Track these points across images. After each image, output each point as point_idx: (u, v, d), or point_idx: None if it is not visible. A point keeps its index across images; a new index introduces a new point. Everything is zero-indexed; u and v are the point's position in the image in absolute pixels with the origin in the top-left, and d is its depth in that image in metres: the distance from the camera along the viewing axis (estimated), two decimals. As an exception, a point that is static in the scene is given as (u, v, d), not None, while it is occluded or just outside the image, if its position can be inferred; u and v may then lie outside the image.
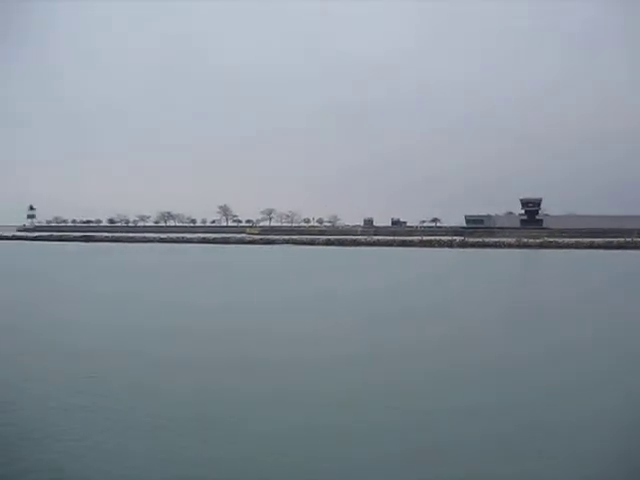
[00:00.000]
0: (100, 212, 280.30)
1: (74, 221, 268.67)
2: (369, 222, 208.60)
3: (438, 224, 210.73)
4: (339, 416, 14.07)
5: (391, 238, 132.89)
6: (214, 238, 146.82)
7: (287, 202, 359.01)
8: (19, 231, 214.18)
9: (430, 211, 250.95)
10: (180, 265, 69.46)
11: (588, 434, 13.26)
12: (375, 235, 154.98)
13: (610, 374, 18.59)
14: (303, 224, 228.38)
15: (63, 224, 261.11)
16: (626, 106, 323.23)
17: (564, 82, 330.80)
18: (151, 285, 44.91)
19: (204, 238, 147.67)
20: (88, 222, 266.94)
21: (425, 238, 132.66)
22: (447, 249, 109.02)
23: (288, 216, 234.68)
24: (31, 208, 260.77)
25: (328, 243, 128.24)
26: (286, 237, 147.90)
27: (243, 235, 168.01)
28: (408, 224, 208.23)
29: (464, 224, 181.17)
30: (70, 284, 44.80)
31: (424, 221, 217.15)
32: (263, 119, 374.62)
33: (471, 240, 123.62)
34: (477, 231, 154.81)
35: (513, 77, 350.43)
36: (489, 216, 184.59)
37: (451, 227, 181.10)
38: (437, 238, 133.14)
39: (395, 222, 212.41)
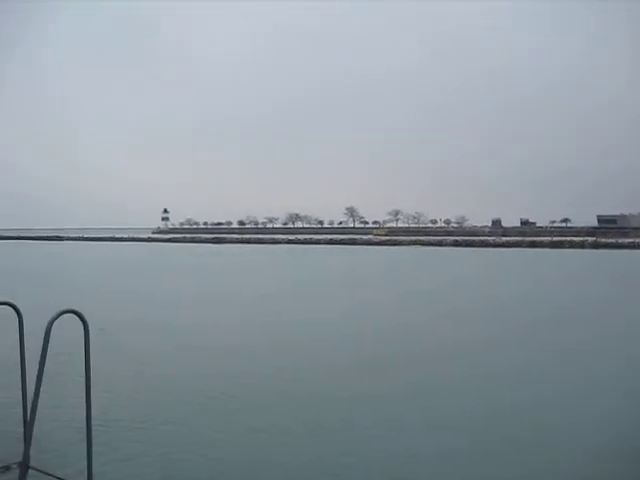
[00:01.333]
0: (230, 214, 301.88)
1: (205, 223, 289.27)
2: (497, 223, 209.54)
3: (569, 224, 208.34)
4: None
5: (520, 239, 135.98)
6: (341, 239, 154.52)
7: (414, 203, 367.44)
8: (154, 233, 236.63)
9: (560, 211, 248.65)
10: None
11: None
12: (503, 236, 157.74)
13: None
14: (430, 225, 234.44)
15: (195, 226, 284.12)
16: None
17: None
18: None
19: (331, 239, 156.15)
20: (219, 224, 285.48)
21: (555, 239, 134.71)
22: (578, 250, 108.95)
23: (415, 217, 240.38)
24: (165, 211, 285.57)
25: (456, 244, 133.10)
26: (413, 238, 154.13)
27: (370, 236, 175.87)
28: (537, 224, 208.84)
29: (596, 224, 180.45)
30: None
31: (554, 221, 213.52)
32: (390, 118, 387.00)
33: (604, 241, 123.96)
34: (610, 231, 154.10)
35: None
36: (623, 216, 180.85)
37: (582, 227, 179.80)
38: (568, 239, 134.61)
39: (524, 222, 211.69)
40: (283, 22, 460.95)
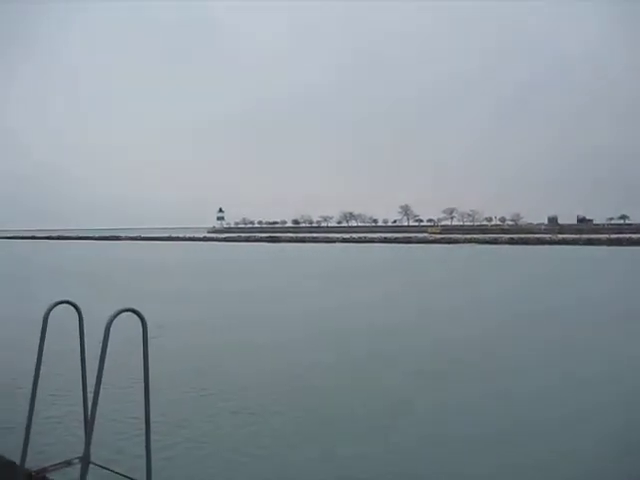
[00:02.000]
0: (285, 213, 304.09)
1: (260, 222, 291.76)
2: (553, 220, 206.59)
3: (627, 221, 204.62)
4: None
5: (577, 236, 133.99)
6: (396, 238, 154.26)
7: (468, 201, 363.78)
8: (209, 233, 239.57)
9: (618, 207, 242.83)
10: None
11: None
12: (560, 233, 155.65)
13: None
14: (485, 223, 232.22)
15: (250, 225, 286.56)
16: None
17: None
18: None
19: (386, 238, 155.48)
20: (273, 223, 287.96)
21: (613, 236, 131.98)
22: (638, 248, 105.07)
23: (470, 215, 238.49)
24: (220, 210, 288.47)
25: (511, 242, 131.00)
26: (468, 236, 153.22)
27: (425, 235, 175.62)
28: (595, 222, 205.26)
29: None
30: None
31: (611, 218, 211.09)
32: (447, 117, 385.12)
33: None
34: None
35: None
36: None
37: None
38: (626, 236, 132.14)
39: (580, 220, 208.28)
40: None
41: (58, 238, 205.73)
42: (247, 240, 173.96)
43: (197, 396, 15.86)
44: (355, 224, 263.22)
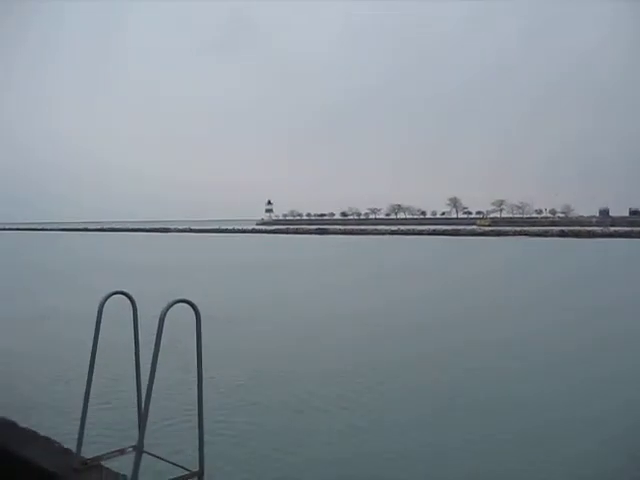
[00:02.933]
0: (333, 205, 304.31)
1: (308, 214, 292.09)
2: (605, 212, 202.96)
3: None
4: None
5: (629, 229, 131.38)
6: (444, 230, 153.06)
7: (518, 193, 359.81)
8: (258, 225, 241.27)
9: None
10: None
11: None
12: (611, 226, 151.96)
13: None
14: (535, 215, 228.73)
15: (298, 217, 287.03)
16: None
17: None
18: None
19: (434, 230, 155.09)
20: (322, 215, 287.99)
21: None
22: None
23: (519, 207, 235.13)
24: (269, 203, 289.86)
25: (562, 234, 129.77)
26: (517, 228, 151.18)
27: (473, 227, 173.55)
28: None
29: None
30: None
31: None
32: (494, 108, 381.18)
33: None
34: None
35: None
36: None
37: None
38: None
39: (633, 212, 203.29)
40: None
41: (110, 230, 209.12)
42: (296, 232, 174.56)
43: (250, 388, 16.01)
44: (403, 216, 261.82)
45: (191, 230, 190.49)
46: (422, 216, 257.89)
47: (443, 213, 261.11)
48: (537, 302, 32.52)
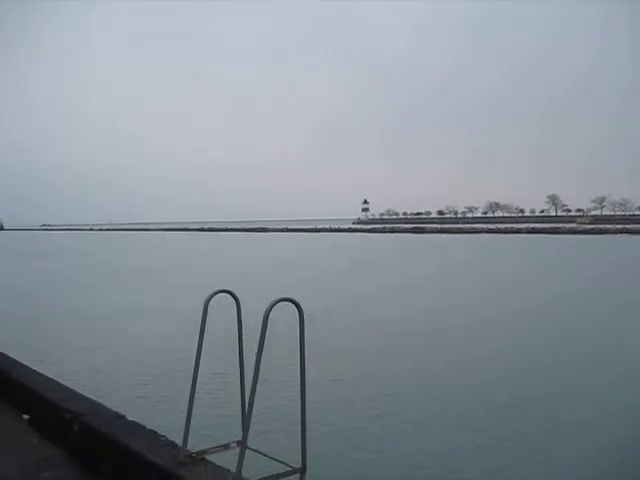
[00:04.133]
0: (430, 204, 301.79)
1: (405, 213, 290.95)
2: None
3: None
4: None
5: None
6: (543, 228, 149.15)
7: (619, 189, 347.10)
8: (354, 224, 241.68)
9: None
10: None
11: None
12: None
13: None
14: (637, 212, 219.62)
15: (394, 216, 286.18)
16: None
17: None
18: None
19: (533, 228, 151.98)
20: (418, 214, 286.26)
21: None
22: None
23: (621, 204, 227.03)
24: (365, 202, 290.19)
25: None
26: (619, 226, 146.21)
27: (573, 225, 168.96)
28: None
29: None
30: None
31: None
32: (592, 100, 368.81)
33: None
34: None
35: None
36: None
37: None
38: None
39: None
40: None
41: (210, 230, 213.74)
42: (392, 231, 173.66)
43: (351, 385, 16.07)
44: (501, 214, 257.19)
45: (287, 230, 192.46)
46: (520, 214, 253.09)
47: (542, 211, 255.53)
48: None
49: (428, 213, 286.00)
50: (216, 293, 4.90)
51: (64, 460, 5.83)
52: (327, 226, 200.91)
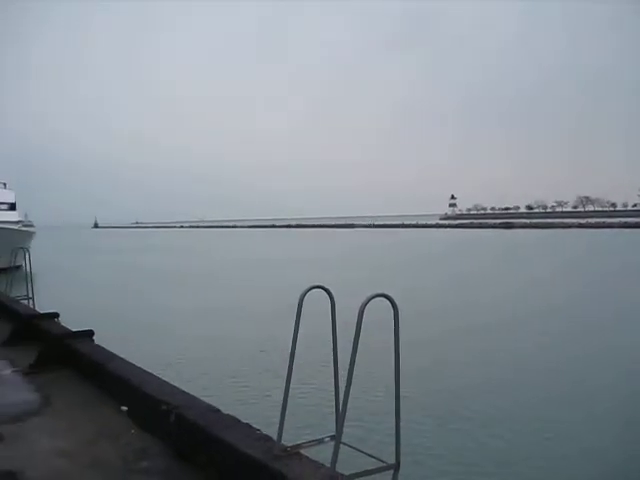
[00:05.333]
0: (518, 199, 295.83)
1: (493, 208, 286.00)
2: None
3: None
4: None
5: None
6: (636, 222, 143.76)
7: None
8: (441, 219, 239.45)
9: None
10: None
11: None
12: None
13: None
14: None
15: (482, 212, 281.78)
16: None
17: None
18: None
19: (625, 223, 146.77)
20: (506, 209, 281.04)
21: None
22: None
23: None
24: (452, 197, 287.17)
25: None
26: None
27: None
28: None
29: None
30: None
31: None
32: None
33: None
34: None
35: None
36: None
37: None
38: None
39: None
40: None
41: (298, 226, 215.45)
42: (480, 226, 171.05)
43: (452, 383, 15.92)
44: (592, 209, 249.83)
45: (374, 226, 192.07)
46: (612, 208, 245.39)
47: (635, 205, 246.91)
48: None
49: (516, 208, 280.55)
50: (311, 289, 4.91)
51: (160, 450, 5.97)
52: (414, 222, 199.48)
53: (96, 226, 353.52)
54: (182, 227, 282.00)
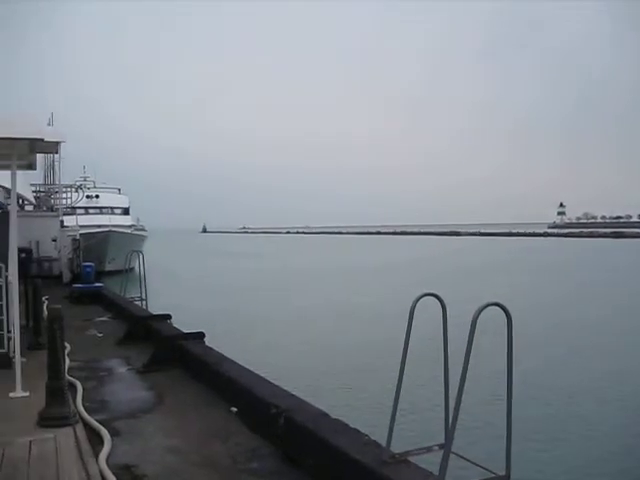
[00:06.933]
0: (631, 207, 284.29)
1: (603, 217, 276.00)
2: None
3: None
4: None
5: None
6: None
7: None
8: (550, 228, 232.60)
9: None
10: None
11: None
12: None
13: None
14: None
15: (592, 220, 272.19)
16: None
17: None
18: None
19: None
20: (617, 218, 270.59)
21: None
22: None
23: None
24: (561, 205, 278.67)
25: None
26: None
27: None
28: None
29: None
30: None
31: None
32: None
33: None
34: None
35: None
36: None
37: None
38: None
39: None
40: None
41: (402, 234, 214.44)
42: (590, 236, 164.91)
43: (559, 394, 15.52)
44: None
45: (480, 234, 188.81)
46: None
47: None
48: None
49: (629, 217, 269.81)
50: (423, 296, 4.89)
51: (269, 452, 6.07)
52: (522, 230, 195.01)
53: (204, 231, 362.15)
54: (288, 233, 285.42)
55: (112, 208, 54.64)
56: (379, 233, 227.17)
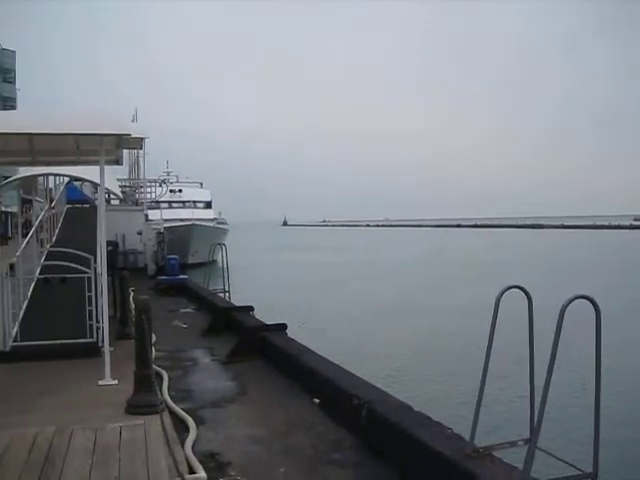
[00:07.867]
0: None
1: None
2: None
3: None
4: None
5: None
6: None
7: None
8: (635, 220, 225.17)
9: None
10: None
11: None
12: None
13: None
14: None
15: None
16: None
17: None
18: None
19: None
20: None
21: None
22: None
23: None
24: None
25: None
26: None
27: None
28: None
29: None
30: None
31: None
32: None
33: None
34: None
35: None
36: None
37: None
38: None
39: None
40: None
41: (482, 226, 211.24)
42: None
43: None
44: None
45: (564, 226, 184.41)
46: None
47: None
48: None
49: None
50: (508, 289, 4.82)
51: (352, 443, 6.10)
52: (606, 222, 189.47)
53: (285, 224, 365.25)
54: (368, 226, 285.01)
55: (195, 202, 55.45)
56: (459, 226, 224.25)
